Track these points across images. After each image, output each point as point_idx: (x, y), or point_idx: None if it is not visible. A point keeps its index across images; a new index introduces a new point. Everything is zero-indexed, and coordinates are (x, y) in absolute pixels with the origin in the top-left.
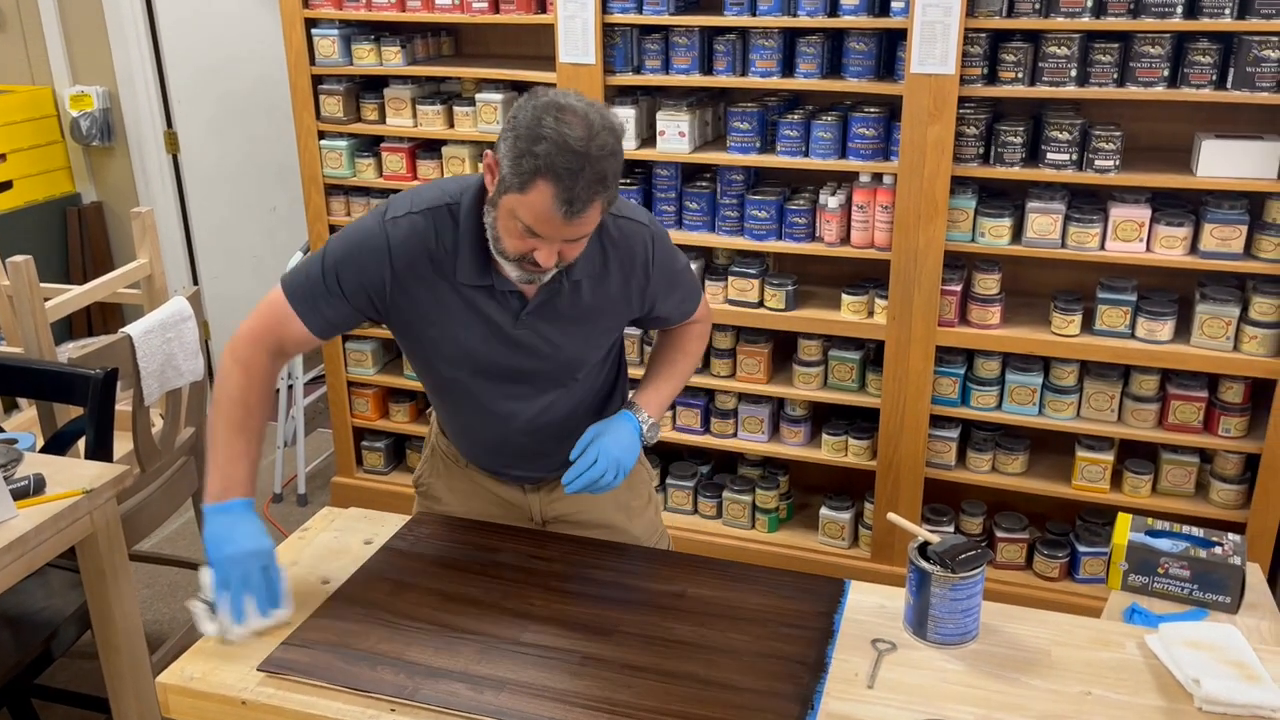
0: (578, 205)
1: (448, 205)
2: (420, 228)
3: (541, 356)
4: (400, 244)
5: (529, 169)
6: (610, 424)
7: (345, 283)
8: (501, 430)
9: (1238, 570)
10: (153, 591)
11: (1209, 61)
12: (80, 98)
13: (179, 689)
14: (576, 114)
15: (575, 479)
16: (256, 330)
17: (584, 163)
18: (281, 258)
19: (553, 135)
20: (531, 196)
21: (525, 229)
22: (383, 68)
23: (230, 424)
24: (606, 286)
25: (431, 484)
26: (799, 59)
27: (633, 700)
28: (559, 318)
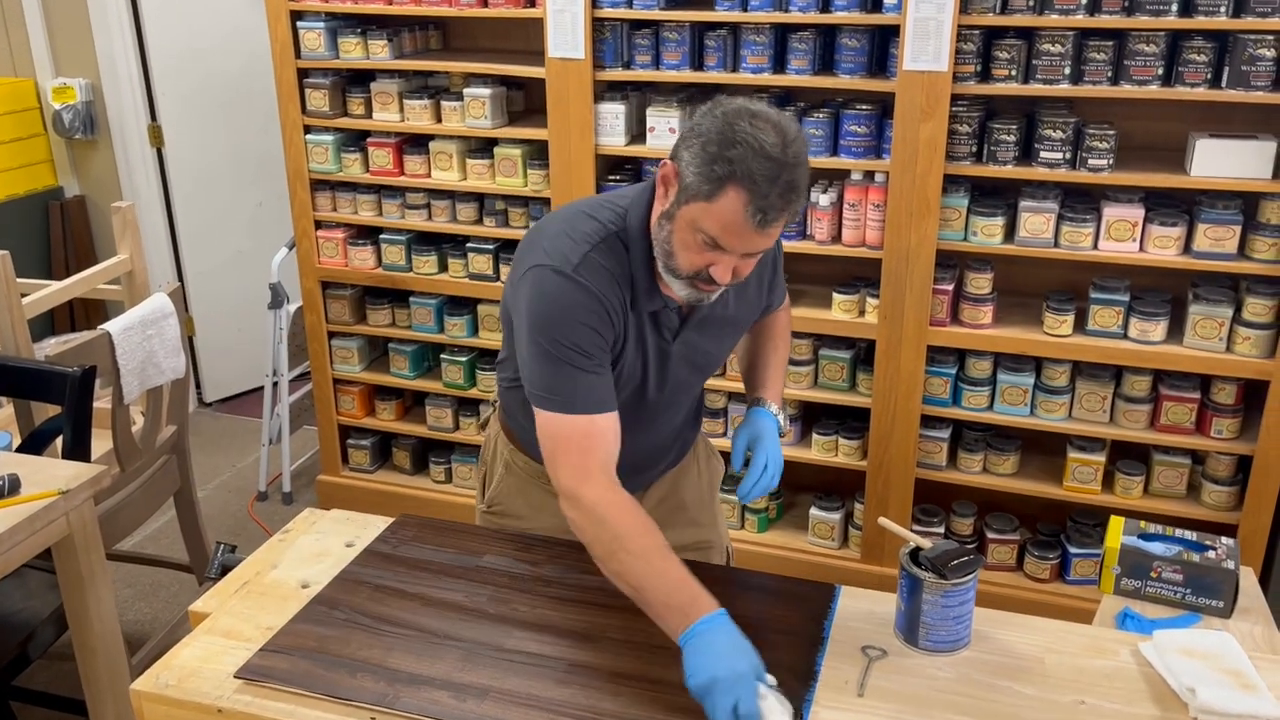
0: (771, 215)
1: (616, 233)
2: (605, 263)
3: (692, 368)
4: (600, 287)
5: (721, 174)
6: (762, 426)
7: (590, 349)
8: (633, 445)
9: (1231, 575)
10: (134, 591)
11: (1204, 60)
12: (63, 90)
13: (153, 696)
14: (770, 121)
15: (753, 488)
16: (577, 463)
17: (780, 170)
18: (267, 253)
19: (748, 140)
20: (721, 204)
21: (707, 241)
22: (369, 61)
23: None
24: (745, 288)
25: (509, 503)
26: (790, 55)
27: (619, 709)
28: (709, 329)
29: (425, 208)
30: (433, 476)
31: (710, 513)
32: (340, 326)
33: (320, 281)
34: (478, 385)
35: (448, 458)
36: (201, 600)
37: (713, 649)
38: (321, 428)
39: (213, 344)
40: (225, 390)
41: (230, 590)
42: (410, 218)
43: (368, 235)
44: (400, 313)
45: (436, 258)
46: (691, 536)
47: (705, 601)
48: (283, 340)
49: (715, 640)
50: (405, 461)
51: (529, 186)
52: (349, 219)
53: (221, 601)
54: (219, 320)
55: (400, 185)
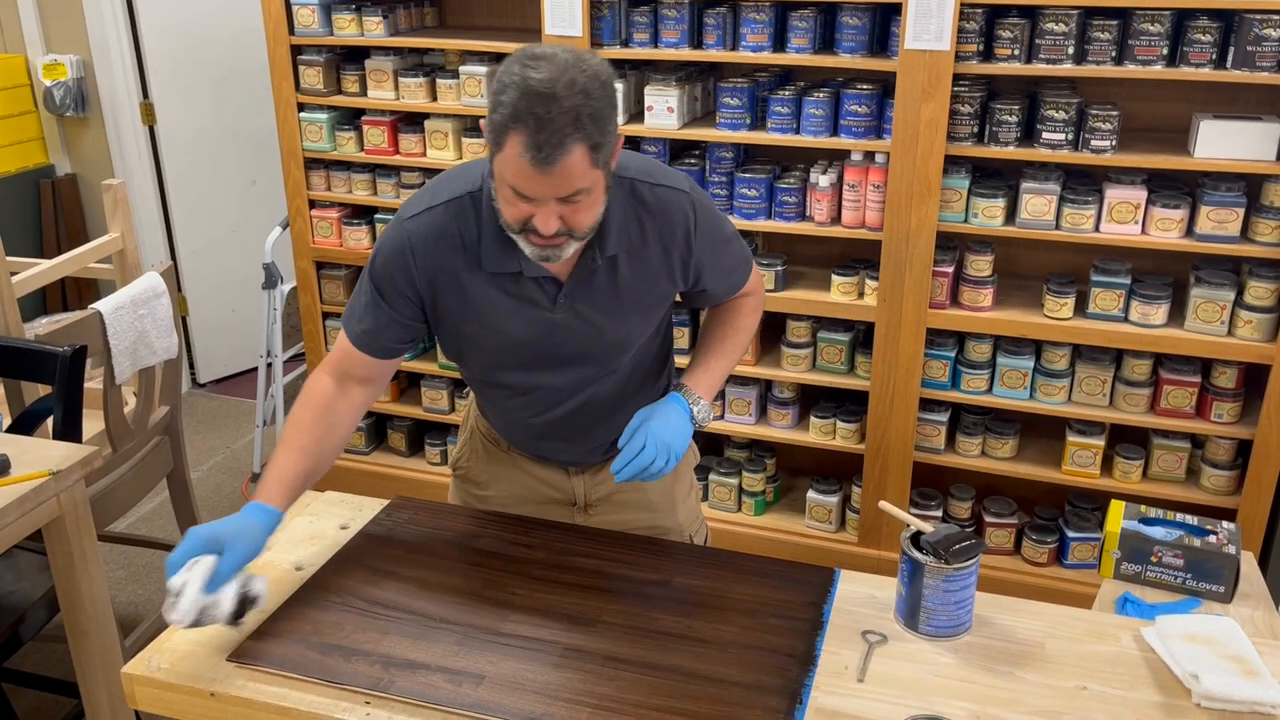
0: (547, 150)
1: (469, 194)
2: (440, 221)
3: (585, 340)
4: (421, 241)
5: (499, 121)
6: (658, 408)
7: (385, 295)
8: (546, 416)
9: (1232, 559)
10: (127, 573)
11: (1209, 40)
12: (54, 67)
13: (146, 680)
14: (546, 58)
15: (624, 466)
16: (327, 357)
17: (549, 104)
18: (261, 232)
19: (518, 81)
20: (507, 152)
21: (513, 191)
22: (364, 38)
23: (280, 441)
24: (645, 260)
25: (471, 467)
26: (791, 33)
27: (616, 693)
28: (598, 297)
29: (421, 187)
30: (428, 458)
31: (670, 497)
32: (335, 307)
33: (315, 261)
34: None
35: (443, 439)
36: None
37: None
38: None
39: (206, 324)
40: (219, 371)
41: None
42: (405, 197)
43: (363, 215)
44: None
45: None
46: (647, 520)
47: (264, 493)
48: (277, 320)
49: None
50: (400, 443)
51: None
52: (343, 198)
53: None
54: (212, 300)
55: (395, 164)
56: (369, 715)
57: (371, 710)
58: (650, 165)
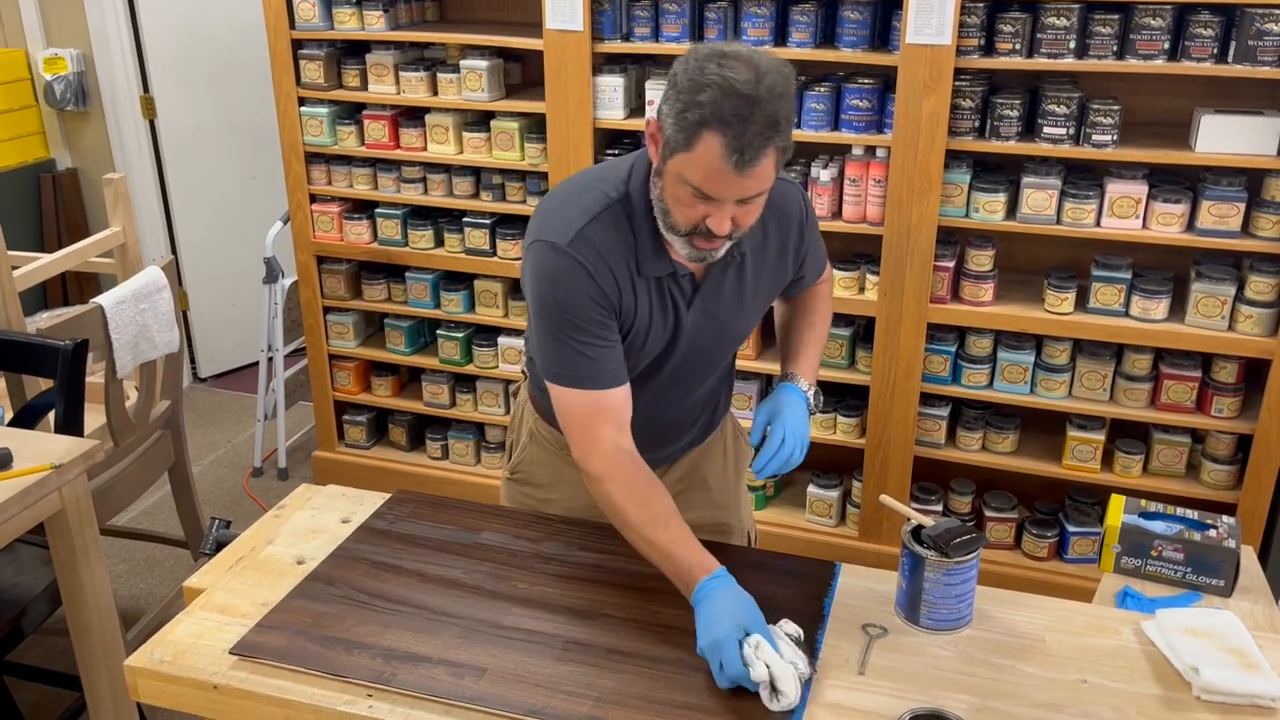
0: (749, 153)
1: (618, 201)
2: (603, 235)
3: (707, 337)
4: (596, 260)
5: (694, 121)
6: (782, 401)
7: (591, 322)
8: (656, 415)
9: (1232, 553)
10: (128, 567)
11: (1210, 34)
12: (54, 60)
13: (148, 672)
14: (740, 58)
15: (768, 463)
16: (589, 435)
17: (752, 107)
18: (261, 226)
19: (717, 81)
20: (699, 152)
21: (695, 192)
22: (365, 32)
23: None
24: (767, 254)
25: (531, 471)
26: (792, 27)
27: (618, 686)
28: (726, 294)
29: (421, 181)
30: (429, 453)
31: (733, 496)
32: (335, 301)
33: (315, 256)
34: (474, 361)
35: (444, 434)
36: (196, 576)
37: (710, 612)
38: (317, 403)
39: (207, 318)
40: (219, 365)
41: (225, 566)
42: (406, 191)
43: (363, 209)
44: (396, 288)
45: (432, 232)
46: (710, 518)
47: (701, 566)
48: (277, 315)
49: (713, 603)
50: (401, 438)
51: (526, 160)
52: (344, 193)
53: (216, 577)
54: (213, 294)
55: (396, 159)
56: (371, 708)
57: (374, 703)
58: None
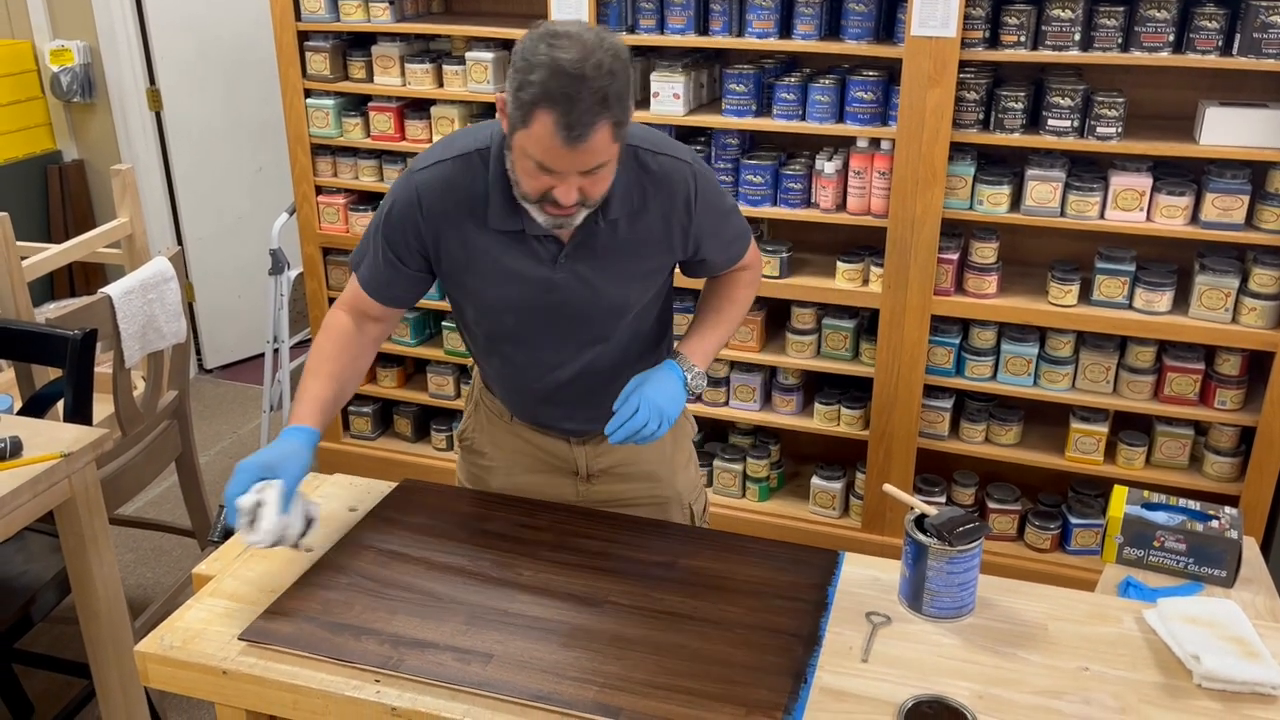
0: (578, 130)
1: (478, 150)
2: (449, 175)
3: (582, 301)
4: (429, 193)
5: (528, 100)
6: (653, 373)
7: (393, 245)
8: (547, 381)
9: (1234, 544)
10: (136, 556)
11: (1215, 27)
12: (60, 52)
13: (158, 658)
14: (570, 37)
15: (618, 428)
16: (343, 295)
17: (580, 85)
18: (267, 218)
19: (546, 61)
20: (535, 129)
21: (537, 165)
22: (370, 24)
23: (306, 370)
24: (646, 223)
25: (475, 438)
26: (797, 20)
27: (623, 672)
28: (597, 257)
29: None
30: (434, 444)
31: (670, 466)
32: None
33: (321, 247)
34: None
35: (449, 425)
36: (205, 563)
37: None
38: None
39: (213, 310)
40: (226, 356)
41: (233, 554)
42: None
43: (369, 201)
44: None
45: None
46: (647, 490)
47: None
48: (283, 306)
49: (277, 443)
50: (407, 429)
51: None
52: (350, 184)
53: (225, 565)
54: (219, 286)
55: (402, 150)
56: (379, 693)
57: (381, 688)
58: (655, 135)
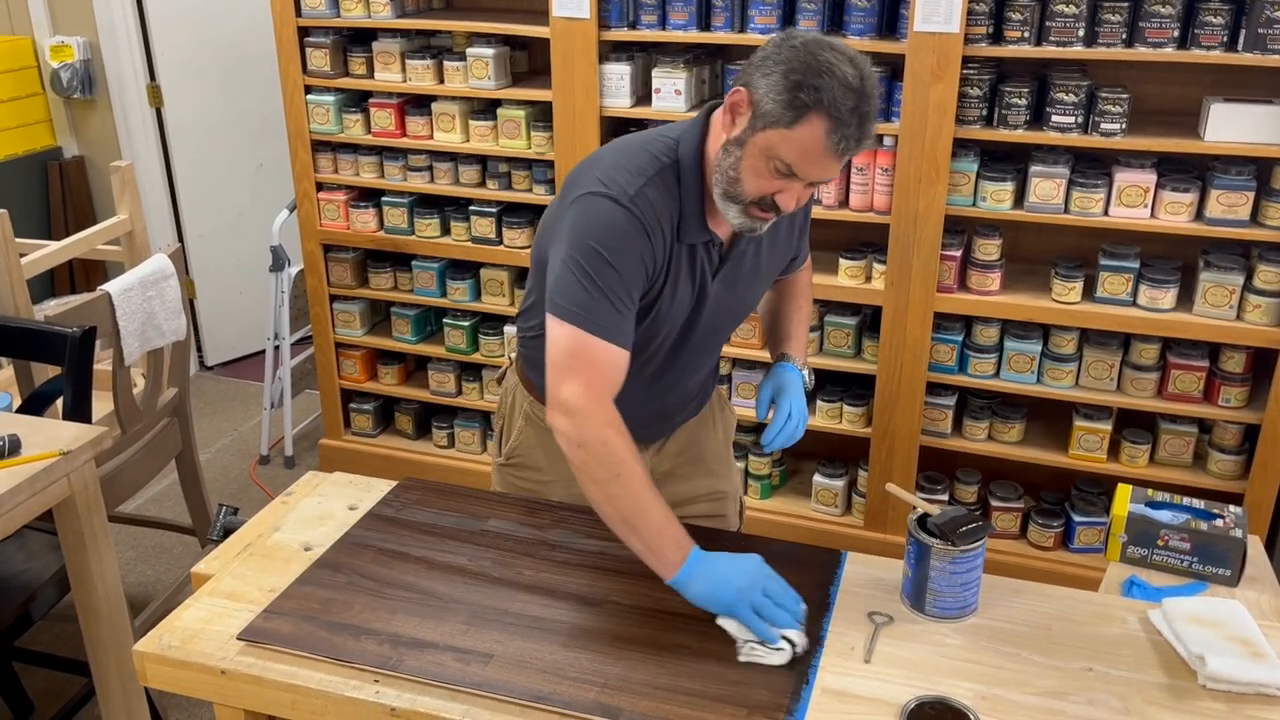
0: (848, 144)
1: (670, 165)
2: (657, 196)
3: (727, 311)
4: (652, 218)
5: (807, 102)
6: (784, 378)
7: (630, 282)
8: (656, 391)
9: (1239, 543)
10: (136, 554)
11: (1220, 22)
12: (60, 48)
13: (156, 658)
14: (845, 54)
15: (776, 436)
16: (592, 383)
17: (859, 101)
18: (268, 215)
19: (832, 70)
20: (801, 131)
21: (780, 168)
22: (371, 20)
23: (639, 489)
24: (778, 232)
25: (529, 454)
26: (799, 15)
27: (623, 673)
28: (748, 268)
29: (427, 170)
30: (435, 441)
31: (726, 462)
32: (342, 290)
33: (322, 244)
34: (480, 350)
35: (450, 422)
36: (204, 562)
37: (719, 565)
38: (323, 392)
39: (214, 307)
40: (226, 354)
41: (233, 553)
42: (412, 180)
43: (369, 197)
44: (402, 276)
45: (439, 221)
46: (708, 486)
47: (689, 538)
48: (284, 303)
49: (716, 559)
50: (408, 426)
51: (533, 149)
52: (350, 181)
53: (224, 564)
54: (220, 283)
55: (402, 147)
56: (378, 693)
57: (381, 688)
58: None
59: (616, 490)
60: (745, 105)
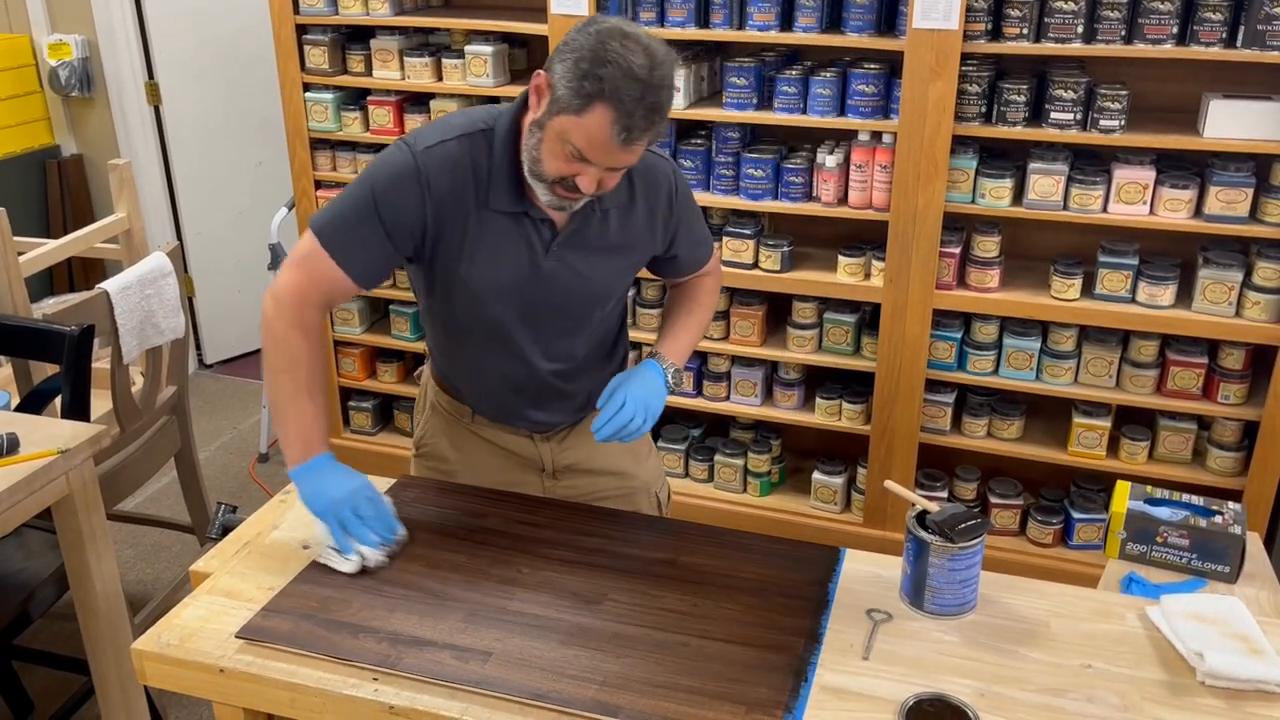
0: (634, 134)
1: (482, 131)
2: (455, 154)
3: (569, 289)
4: (437, 172)
5: (591, 91)
6: (635, 372)
7: (385, 219)
8: (522, 371)
9: (1238, 540)
10: (136, 552)
11: (1219, 19)
12: (59, 47)
13: (155, 656)
14: (640, 42)
15: (604, 424)
16: (303, 286)
17: (645, 91)
18: (266, 213)
19: (618, 60)
20: (588, 120)
21: (574, 153)
22: (369, 18)
23: (298, 387)
24: (634, 217)
25: (434, 443)
26: (798, 12)
27: (622, 671)
28: (588, 248)
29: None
30: None
31: (633, 457)
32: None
33: None
34: None
35: None
36: (203, 560)
37: (327, 476)
38: None
39: (213, 305)
40: (226, 352)
41: (231, 551)
42: None
43: None
44: (401, 274)
45: None
46: (614, 483)
47: (324, 446)
48: None
49: (328, 471)
50: (407, 424)
51: None
52: (349, 179)
53: (223, 562)
54: (219, 281)
55: None
56: (377, 691)
57: (379, 686)
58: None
59: (284, 381)
60: (545, 89)
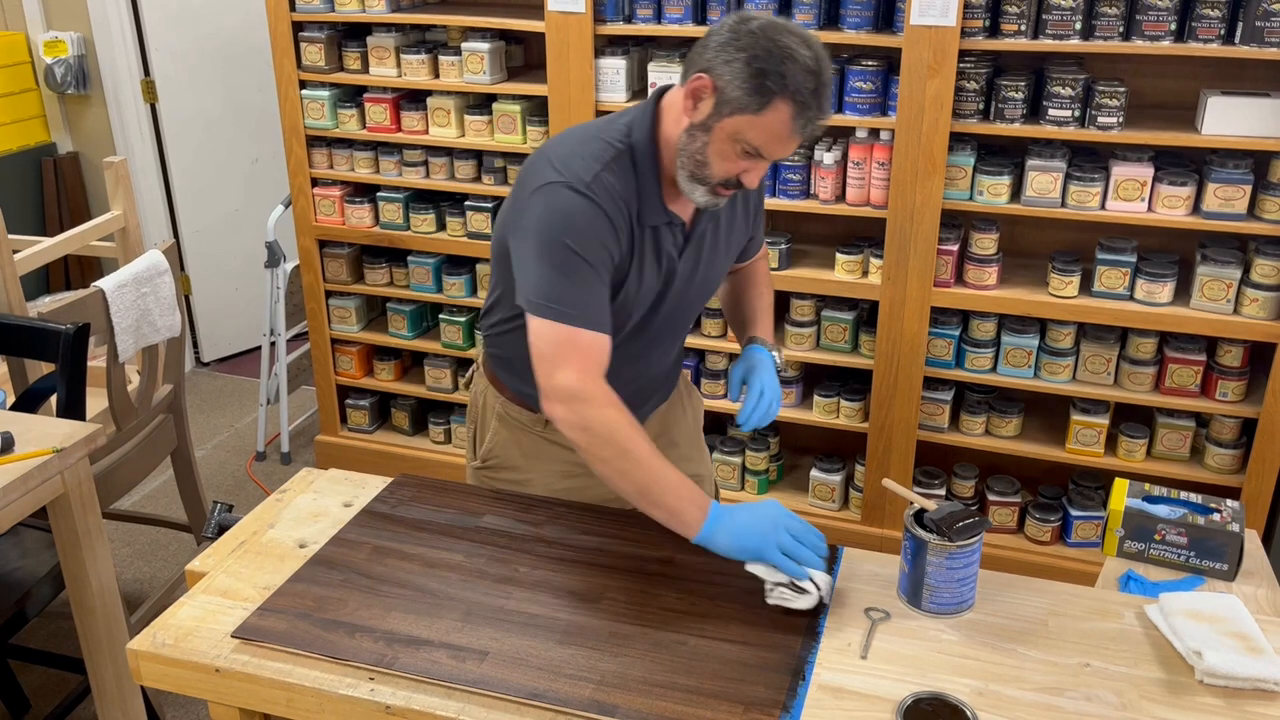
0: (811, 126)
1: (624, 151)
2: (615, 182)
3: (697, 286)
4: (609, 203)
5: (773, 89)
6: (753, 360)
7: (594, 263)
8: (636, 373)
9: (1236, 537)
10: (132, 550)
11: (1217, 15)
12: (54, 44)
13: (151, 655)
14: (798, 34)
15: (750, 414)
16: (580, 370)
17: (818, 83)
18: (263, 210)
19: (793, 55)
20: (768, 117)
21: (748, 150)
22: (365, 15)
23: (654, 455)
24: (734, 209)
25: (504, 455)
26: (795, 9)
27: (619, 670)
28: (706, 244)
29: (423, 165)
30: (432, 437)
31: (698, 446)
32: (338, 286)
33: (317, 240)
34: (476, 345)
35: (447, 418)
36: (199, 559)
37: (739, 515)
38: (320, 388)
39: (209, 303)
40: (222, 350)
41: (227, 550)
42: (408, 175)
43: (365, 193)
44: (398, 272)
45: (434, 216)
46: (687, 470)
47: (705, 494)
48: (280, 299)
49: (735, 510)
50: (404, 422)
51: (528, 143)
52: (346, 176)
53: (219, 561)
54: (215, 279)
55: (397, 142)
56: (373, 691)
57: (375, 686)
58: None
59: (628, 466)
60: (709, 91)
